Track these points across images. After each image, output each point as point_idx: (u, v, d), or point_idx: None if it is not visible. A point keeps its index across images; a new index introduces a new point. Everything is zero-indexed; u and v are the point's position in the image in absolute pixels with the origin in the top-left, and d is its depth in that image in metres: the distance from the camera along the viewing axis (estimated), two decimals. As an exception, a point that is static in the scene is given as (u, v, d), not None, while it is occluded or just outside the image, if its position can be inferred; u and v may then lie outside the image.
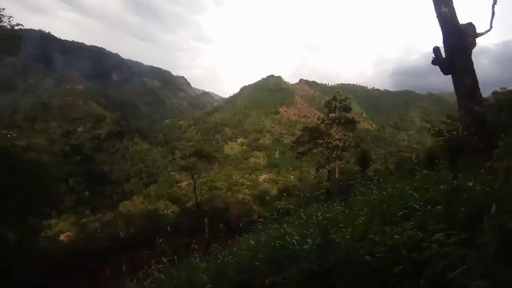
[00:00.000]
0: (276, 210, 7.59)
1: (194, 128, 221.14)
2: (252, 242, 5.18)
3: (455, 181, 3.30)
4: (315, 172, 49.21)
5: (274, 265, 4.02)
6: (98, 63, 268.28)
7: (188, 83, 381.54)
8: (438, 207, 2.83)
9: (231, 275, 4.02)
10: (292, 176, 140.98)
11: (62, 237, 31.24)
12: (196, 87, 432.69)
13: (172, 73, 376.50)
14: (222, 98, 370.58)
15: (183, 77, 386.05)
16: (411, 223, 2.82)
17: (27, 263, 14.90)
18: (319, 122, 42.39)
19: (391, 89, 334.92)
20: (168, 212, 49.35)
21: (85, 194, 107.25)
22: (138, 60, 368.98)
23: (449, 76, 6.82)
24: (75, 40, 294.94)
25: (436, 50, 6.82)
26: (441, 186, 3.18)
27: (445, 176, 4.45)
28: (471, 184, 2.98)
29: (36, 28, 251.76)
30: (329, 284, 2.35)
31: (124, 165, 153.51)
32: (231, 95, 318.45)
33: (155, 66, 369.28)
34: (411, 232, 2.50)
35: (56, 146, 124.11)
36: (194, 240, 24.66)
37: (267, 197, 52.83)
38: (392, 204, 4.35)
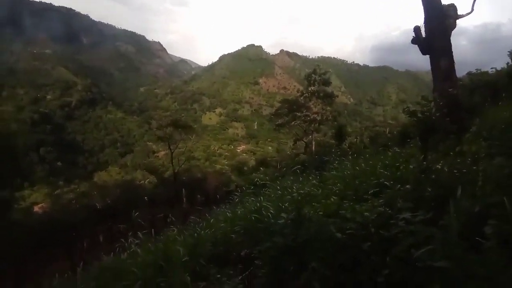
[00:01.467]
0: (253, 183, 7.69)
1: (171, 97, 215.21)
2: (229, 214, 5.28)
3: (424, 162, 3.45)
4: (293, 144, 50.11)
5: (250, 238, 4.15)
6: (67, 25, 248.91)
7: (165, 49, 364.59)
8: (407, 186, 2.97)
9: (208, 248, 4.12)
10: (270, 148, 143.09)
11: (36, 208, 30.42)
12: (173, 53, 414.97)
13: (147, 38, 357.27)
14: (200, 67, 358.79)
15: (158, 42, 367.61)
16: (381, 200, 2.96)
17: (2, 238, 14.48)
18: (298, 94, 42.43)
19: (370, 65, 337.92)
20: (145, 182, 49.01)
21: (58, 164, 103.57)
22: (110, 23, 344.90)
23: (427, 55, 6.92)
24: (43, 0, 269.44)
25: (416, 29, 6.84)
26: (411, 166, 3.32)
27: (415, 156, 4.64)
28: (439, 166, 3.13)
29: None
30: (302, 259, 2.46)
31: (97, 135, 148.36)
32: (210, 63, 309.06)
33: (129, 30, 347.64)
34: (380, 209, 2.62)
35: (24, 114, 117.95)
36: (171, 211, 24.91)
37: (245, 168, 53.51)
38: (364, 180, 4.53)
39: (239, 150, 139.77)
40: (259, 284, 2.93)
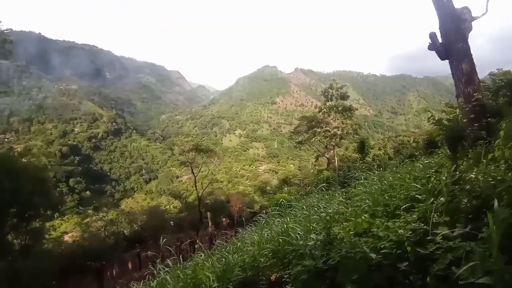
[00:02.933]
0: (278, 203, 7.58)
1: (191, 122, 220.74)
2: (256, 237, 5.19)
3: (456, 172, 3.29)
4: (315, 161, 49.47)
5: (280, 261, 4.05)
6: (91, 61, 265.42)
7: (183, 77, 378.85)
8: (441, 198, 2.83)
9: (236, 273, 4.04)
10: (291, 166, 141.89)
11: (66, 237, 31.46)
12: (191, 80, 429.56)
13: (166, 67, 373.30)
14: (217, 91, 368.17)
15: (177, 71, 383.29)
16: (414, 215, 2.82)
17: (33, 266, 14.99)
18: (316, 110, 42.31)
19: (387, 74, 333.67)
20: (170, 207, 49.69)
21: (86, 194, 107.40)
22: (131, 56, 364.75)
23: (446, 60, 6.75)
24: (67, 39, 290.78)
25: (432, 35, 6.72)
26: (443, 177, 3.17)
27: (446, 166, 4.44)
28: (473, 175, 2.97)
29: (26, 30, 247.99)
30: (334, 282, 2.35)
31: (123, 163, 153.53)
32: (227, 87, 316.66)
33: (149, 61, 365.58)
34: (415, 225, 2.50)
35: (53, 148, 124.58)
36: (197, 236, 24.90)
37: (268, 188, 53.18)
38: (394, 195, 4.35)
39: (260, 170, 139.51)
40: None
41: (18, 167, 15.07)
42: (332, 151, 38.19)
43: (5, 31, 15.14)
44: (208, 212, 27.58)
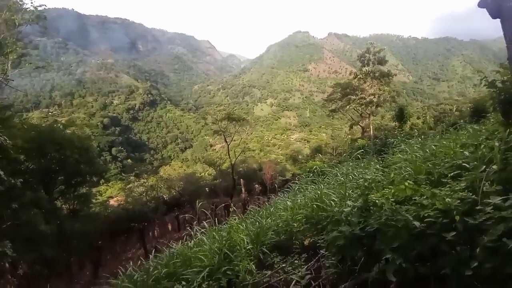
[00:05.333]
0: (311, 170, 7.51)
1: (222, 92, 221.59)
2: (289, 203, 5.23)
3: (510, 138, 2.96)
4: (349, 130, 48.08)
5: (313, 227, 4.06)
6: (124, 35, 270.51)
7: (213, 47, 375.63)
8: (493, 166, 2.58)
9: (270, 237, 4.13)
10: (324, 135, 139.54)
11: (112, 201, 34.02)
12: (222, 50, 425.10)
13: (196, 37, 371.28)
14: (248, 59, 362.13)
15: (207, 41, 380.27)
16: (462, 184, 2.62)
17: (81, 228, 16.46)
18: (351, 77, 40.32)
19: (430, 37, 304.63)
20: (205, 174, 51.67)
21: (128, 162, 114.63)
22: (162, 28, 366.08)
23: (497, 20, 5.87)
24: (99, 14, 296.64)
25: (483, -10, 5.85)
26: (496, 143, 2.87)
27: (498, 132, 4.04)
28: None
29: (60, 7, 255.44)
30: (372, 249, 2.30)
31: (160, 133, 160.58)
32: (258, 55, 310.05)
33: (179, 32, 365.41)
34: (463, 194, 2.32)
35: (95, 119, 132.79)
36: (231, 200, 25.86)
37: (299, 157, 53.12)
38: (438, 163, 4.09)
39: (292, 139, 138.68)
40: (327, 274, 2.83)
41: (63, 137, 16.15)
42: (367, 120, 36.76)
43: (39, 7, 15.60)
44: (241, 179, 28.32)
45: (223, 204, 17.39)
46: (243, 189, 25.24)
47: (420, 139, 7.25)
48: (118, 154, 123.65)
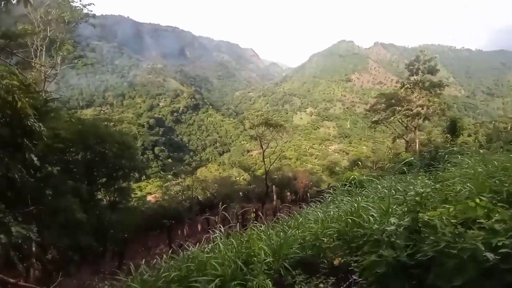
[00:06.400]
0: (348, 181, 6.82)
1: (263, 99, 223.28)
2: (320, 214, 4.67)
3: None
4: (391, 143, 45.34)
5: (346, 244, 3.48)
6: (173, 42, 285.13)
7: (257, 55, 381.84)
8: None
9: (294, 250, 3.62)
10: (364, 147, 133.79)
11: (149, 197, 35.26)
12: (265, 58, 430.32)
13: (240, 45, 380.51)
14: (290, 68, 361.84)
15: (251, 49, 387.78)
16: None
17: (119, 220, 17.07)
18: (398, 86, 38.09)
19: (484, 49, 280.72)
20: (240, 179, 51.76)
21: (168, 161, 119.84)
22: (208, 36, 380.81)
23: None
24: (152, 22, 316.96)
25: None
26: None
27: None
28: None
29: (116, 14, 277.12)
30: (424, 284, 1.72)
31: (200, 136, 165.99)
32: (300, 64, 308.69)
33: (225, 40, 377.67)
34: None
35: (142, 120, 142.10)
36: (263, 207, 25.39)
37: (337, 168, 51.23)
38: (505, 180, 3.35)
39: (330, 150, 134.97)
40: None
41: (105, 132, 16.97)
42: (412, 133, 34.35)
43: (87, 5, 16.51)
44: (274, 186, 27.79)
45: (253, 209, 16.99)
46: (275, 196, 24.69)
47: (477, 154, 6.29)
48: (160, 154, 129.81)
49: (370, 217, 3.52)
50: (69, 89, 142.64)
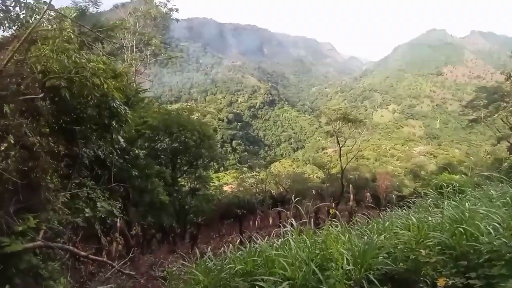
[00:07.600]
0: (445, 184, 5.72)
1: (340, 95, 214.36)
2: (415, 219, 3.87)
3: None
4: (494, 145, 38.45)
5: (453, 261, 2.72)
6: (252, 40, 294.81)
7: (334, 49, 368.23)
8: None
9: (382, 260, 2.99)
10: (456, 150, 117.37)
11: (226, 187, 37.12)
12: (343, 52, 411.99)
13: (317, 40, 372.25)
14: (371, 62, 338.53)
15: (329, 43, 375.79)
16: None
17: (197, 205, 18.34)
18: (503, 78, 31.88)
19: None
20: (314, 176, 50.60)
21: (244, 154, 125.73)
22: (285, 32, 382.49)
23: None
24: (232, 22, 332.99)
25: None
26: None
27: None
28: None
29: (201, 16, 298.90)
30: None
31: (275, 131, 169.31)
32: (382, 57, 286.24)
33: (301, 35, 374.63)
34: None
35: (222, 114, 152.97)
36: (337, 207, 24.16)
37: (422, 172, 46.04)
38: None
39: (415, 152, 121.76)
40: None
41: (186, 120, 18.36)
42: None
43: (176, 9, 17.78)
44: (350, 186, 26.18)
45: (327, 209, 16.13)
46: (351, 196, 23.20)
47: None
48: (237, 147, 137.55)
49: (490, 229, 2.69)
50: (161, 86, 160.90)
